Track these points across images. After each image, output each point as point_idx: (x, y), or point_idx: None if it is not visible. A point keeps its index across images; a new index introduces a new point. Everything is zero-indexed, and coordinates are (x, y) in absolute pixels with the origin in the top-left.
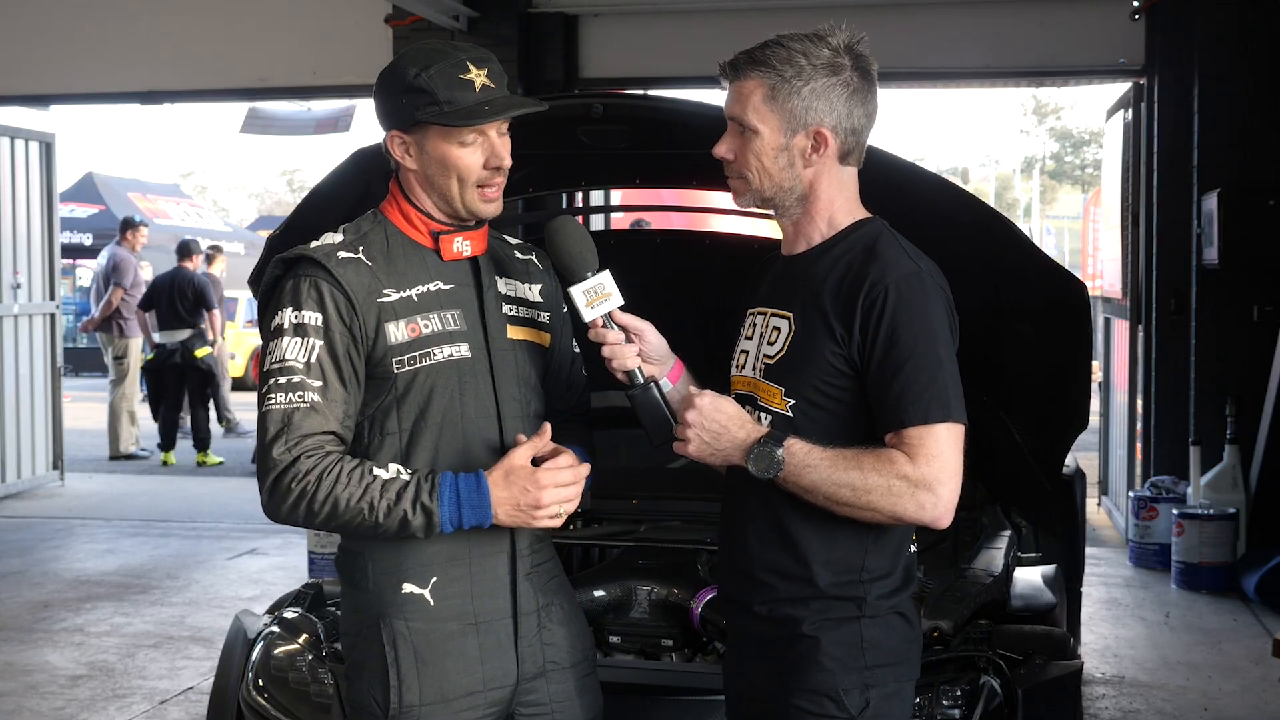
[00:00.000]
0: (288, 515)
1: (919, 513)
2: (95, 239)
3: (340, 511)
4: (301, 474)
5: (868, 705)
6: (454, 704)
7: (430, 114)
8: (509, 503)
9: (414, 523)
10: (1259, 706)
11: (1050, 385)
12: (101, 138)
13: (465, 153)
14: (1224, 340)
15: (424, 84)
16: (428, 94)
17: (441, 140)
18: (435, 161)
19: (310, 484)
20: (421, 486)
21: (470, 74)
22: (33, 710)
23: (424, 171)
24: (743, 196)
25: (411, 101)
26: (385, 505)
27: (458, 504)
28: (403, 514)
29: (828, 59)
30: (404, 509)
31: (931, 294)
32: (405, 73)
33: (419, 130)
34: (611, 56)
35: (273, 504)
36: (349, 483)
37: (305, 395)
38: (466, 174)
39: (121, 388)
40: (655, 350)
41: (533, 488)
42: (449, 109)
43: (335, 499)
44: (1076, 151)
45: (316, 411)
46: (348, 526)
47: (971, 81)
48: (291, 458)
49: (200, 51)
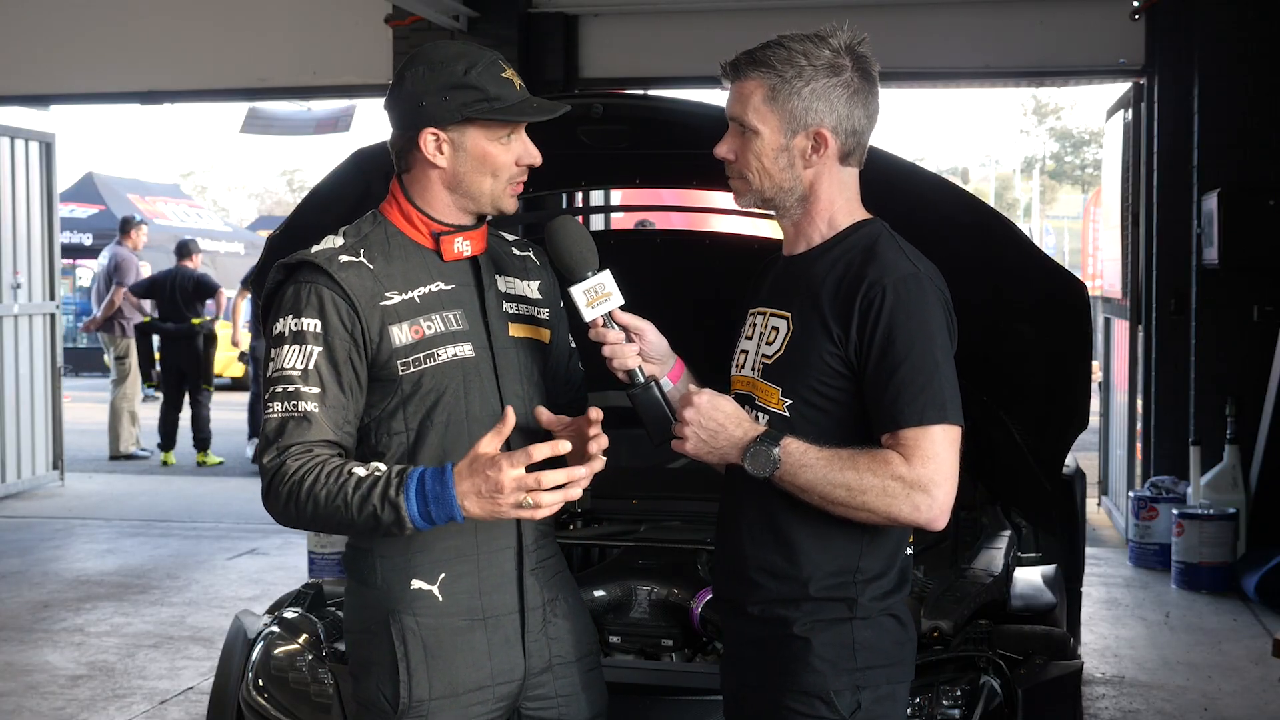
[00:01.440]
0: (283, 517)
1: (914, 514)
2: (95, 239)
3: (321, 510)
4: (286, 476)
5: (859, 707)
6: (462, 698)
7: (481, 110)
8: (473, 491)
9: (384, 519)
10: (1259, 706)
11: (1050, 385)
12: (101, 138)
13: (503, 150)
14: (1224, 340)
15: (474, 81)
16: (478, 90)
17: (484, 137)
18: (473, 158)
19: (294, 485)
20: (390, 483)
21: (507, 73)
22: (33, 710)
23: (455, 170)
24: (743, 197)
25: (459, 98)
26: (357, 501)
27: (423, 498)
28: (372, 510)
29: (828, 60)
30: (373, 505)
31: (929, 296)
32: (451, 69)
33: (459, 128)
34: (611, 56)
35: (271, 507)
36: (326, 482)
37: (300, 405)
38: (502, 170)
39: (123, 387)
40: (656, 350)
41: (493, 472)
42: (500, 105)
43: (315, 498)
44: (1076, 151)
45: (309, 420)
46: (331, 525)
47: (971, 81)
48: (280, 462)
49: (200, 51)
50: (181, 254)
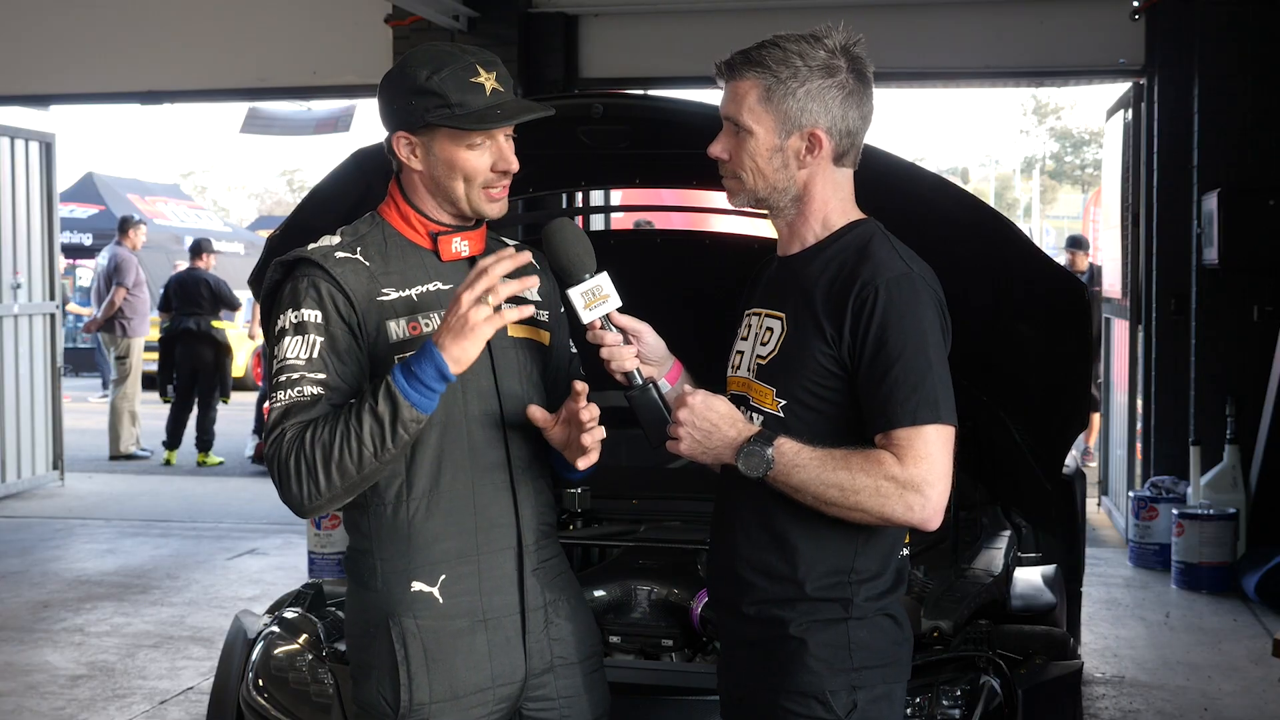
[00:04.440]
0: (302, 490)
1: (907, 514)
2: (95, 239)
3: (329, 451)
4: (288, 445)
5: (855, 707)
6: (463, 700)
7: (441, 116)
8: (444, 331)
9: (382, 411)
10: (1259, 706)
11: (1050, 385)
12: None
13: (473, 155)
14: (1224, 340)
15: (435, 86)
16: (439, 96)
17: (450, 143)
18: (443, 163)
19: (298, 445)
20: (377, 382)
21: (480, 77)
22: (33, 710)
23: (430, 173)
24: (737, 197)
25: (421, 103)
26: (355, 416)
27: (407, 367)
28: (368, 408)
29: (823, 60)
30: (368, 404)
31: (922, 296)
32: (416, 74)
33: (427, 132)
34: (611, 56)
35: (286, 489)
36: (327, 426)
37: (305, 390)
38: (473, 176)
39: (123, 387)
40: (653, 351)
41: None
42: (460, 112)
43: (321, 442)
44: (1076, 151)
45: (316, 403)
46: (346, 464)
47: (971, 81)
48: (281, 433)
49: (200, 51)
50: (195, 254)
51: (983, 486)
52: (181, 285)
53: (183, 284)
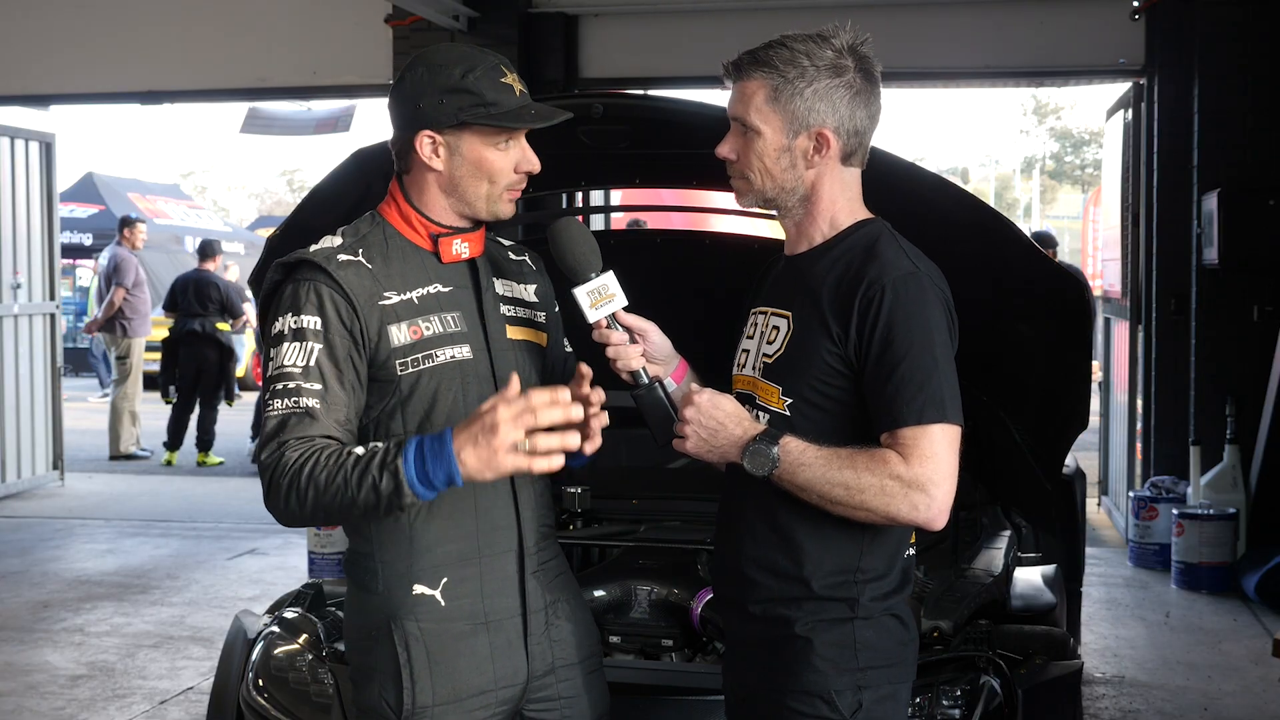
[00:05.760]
0: (285, 511)
1: (912, 513)
2: (95, 239)
3: (322, 494)
4: (286, 467)
5: (860, 707)
6: (466, 703)
7: (477, 115)
8: (469, 441)
9: (383, 489)
10: (1259, 706)
11: (1050, 385)
12: (101, 138)
13: (500, 156)
14: (1224, 340)
15: (471, 85)
16: (474, 95)
17: (480, 142)
18: (469, 163)
19: (294, 473)
20: (389, 451)
21: (508, 78)
22: (33, 710)
23: (451, 174)
24: (745, 197)
25: (455, 102)
26: (356, 476)
27: (421, 458)
28: (371, 481)
29: (831, 60)
30: (372, 475)
31: (929, 295)
32: (449, 73)
33: (455, 132)
34: (611, 56)
35: (273, 504)
36: (326, 464)
37: (301, 400)
38: (498, 177)
39: (124, 387)
40: (659, 350)
41: (488, 414)
42: (495, 111)
43: (315, 482)
44: (1076, 151)
45: (311, 416)
46: (333, 509)
47: (971, 81)
48: (279, 455)
49: (200, 51)
50: (203, 256)
51: (983, 486)
52: (189, 287)
53: (191, 285)
